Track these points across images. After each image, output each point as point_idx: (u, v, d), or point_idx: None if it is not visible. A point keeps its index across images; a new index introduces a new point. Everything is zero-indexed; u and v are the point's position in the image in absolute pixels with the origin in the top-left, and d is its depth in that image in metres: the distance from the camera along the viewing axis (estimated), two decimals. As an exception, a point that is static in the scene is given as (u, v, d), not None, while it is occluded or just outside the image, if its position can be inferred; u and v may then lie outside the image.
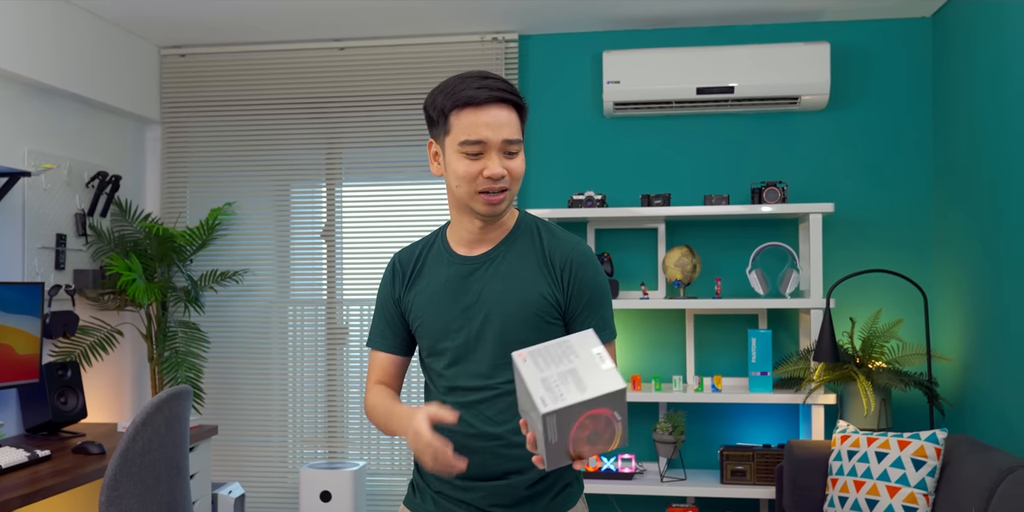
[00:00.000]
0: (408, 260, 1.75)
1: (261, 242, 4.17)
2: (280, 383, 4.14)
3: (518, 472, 1.66)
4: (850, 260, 3.78)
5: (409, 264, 1.74)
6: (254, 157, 4.18)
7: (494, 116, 1.56)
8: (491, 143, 1.56)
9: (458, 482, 1.67)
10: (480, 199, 1.60)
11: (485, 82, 1.57)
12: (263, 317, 4.16)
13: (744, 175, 3.86)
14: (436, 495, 1.71)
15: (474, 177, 1.58)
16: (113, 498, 2.44)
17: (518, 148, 1.60)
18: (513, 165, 1.59)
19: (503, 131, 1.57)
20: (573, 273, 1.64)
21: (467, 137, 1.56)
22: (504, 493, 1.66)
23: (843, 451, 3.01)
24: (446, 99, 1.59)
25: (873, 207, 3.78)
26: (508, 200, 1.62)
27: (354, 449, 4.09)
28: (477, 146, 1.57)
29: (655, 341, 3.89)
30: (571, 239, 1.68)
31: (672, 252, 3.66)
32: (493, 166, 1.57)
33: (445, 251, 1.71)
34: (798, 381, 3.57)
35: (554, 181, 3.97)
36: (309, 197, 4.17)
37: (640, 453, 3.87)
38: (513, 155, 1.59)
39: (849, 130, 3.81)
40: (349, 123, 4.10)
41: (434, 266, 1.71)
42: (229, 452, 4.15)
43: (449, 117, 1.58)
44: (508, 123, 1.57)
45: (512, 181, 1.60)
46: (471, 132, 1.56)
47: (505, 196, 1.60)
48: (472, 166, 1.58)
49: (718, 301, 3.56)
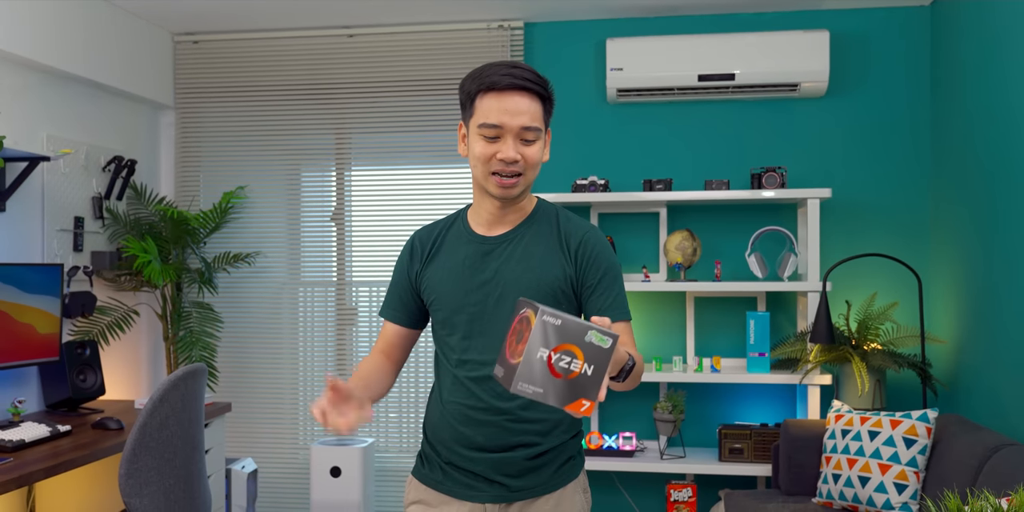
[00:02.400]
0: (427, 238, 1.77)
1: (272, 225, 4.18)
2: (291, 362, 4.15)
3: (524, 445, 1.69)
4: (847, 244, 3.78)
5: (428, 241, 1.76)
6: (266, 142, 4.18)
7: (515, 103, 1.58)
8: (508, 128, 1.59)
9: (466, 452, 1.70)
10: (493, 180, 1.62)
11: (512, 70, 1.60)
12: (274, 298, 4.17)
13: (744, 161, 3.86)
14: (445, 465, 1.74)
15: (488, 158, 1.61)
16: (132, 471, 2.49)
17: (535, 136, 1.61)
18: (528, 152, 1.61)
19: (522, 118, 1.58)
20: (586, 250, 1.66)
21: (486, 120, 1.59)
22: (510, 464, 1.69)
23: (837, 430, 3.03)
24: (472, 83, 1.62)
25: (870, 193, 3.78)
26: (522, 185, 1.64)
27: (362, 426, 4.11)
28: (495, 130, 1.59)
29: (656, 322, 3.90)
30: (586, 224, 1.72)
31: (673, 236, 3.66)
32: (507, 150, 1.59)
33: (465, 230, 1.74)
34: (795, 362, 3.58)
35: (558, 166, 3.97)
36: (319, 181, 4.17)
37: (641, 431, 3.89)
38: (530, 142, 1.61)
39: (847, 117, 3.81)
40: (358, 108, 4.10)
41: (453, 244, 1.73)
42: (242, 428, 4.17)
43: (475, 100, 1.62)
44: (528, 111, 1.59)
45: (527, 167, 1.62)
46: (490, 116, 1.59)
47: (519, 181, 1.62)
48: (488, 148, 1.61)
49: (718, 284, 3.57)
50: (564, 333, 1.24)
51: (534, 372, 1.25)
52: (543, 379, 1.25)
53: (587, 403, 1.25)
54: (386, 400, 4.09)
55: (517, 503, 1.70)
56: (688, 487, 3.55)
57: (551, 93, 1.65)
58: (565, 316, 1.25)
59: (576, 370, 1.24)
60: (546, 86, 1.63)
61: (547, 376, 1.24)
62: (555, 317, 1.24)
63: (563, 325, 1.24)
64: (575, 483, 1.75)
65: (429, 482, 1.76)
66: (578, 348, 1.24)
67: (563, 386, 1.25)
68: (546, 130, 1.67)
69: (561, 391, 1.25)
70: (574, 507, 1.73)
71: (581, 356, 1.24)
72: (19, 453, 2.63)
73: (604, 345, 1.24)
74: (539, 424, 1.70)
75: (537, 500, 1.70)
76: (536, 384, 1.25)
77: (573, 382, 1.24)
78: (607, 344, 1.24)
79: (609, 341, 1.24)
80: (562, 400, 1.26)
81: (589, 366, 1.24)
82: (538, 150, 1.63)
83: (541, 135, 1.63)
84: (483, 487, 1.70)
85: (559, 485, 1.72)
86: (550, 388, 1.25)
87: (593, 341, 1.24)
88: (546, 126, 1.66)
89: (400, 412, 4.07)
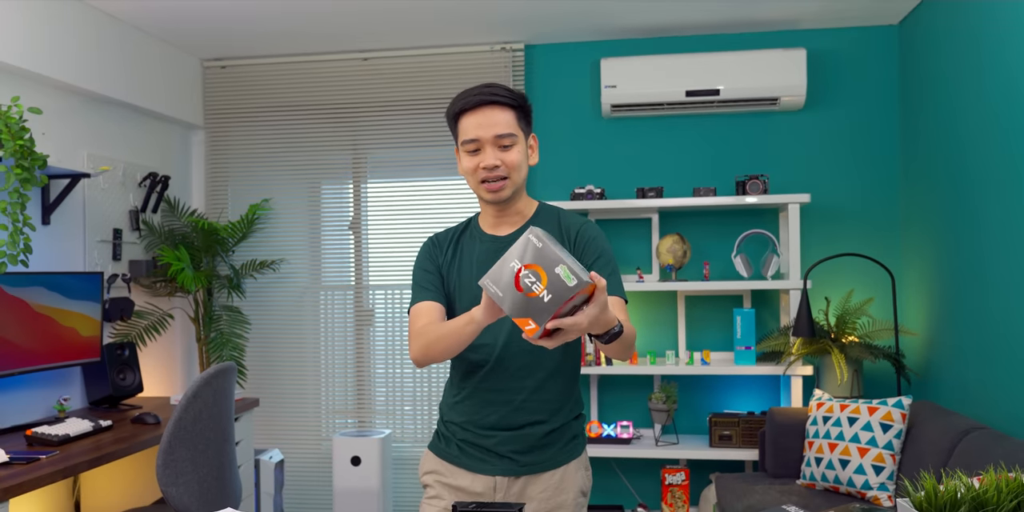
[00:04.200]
0: (444, 239, 1.78)
1: (295, 234, 4.17)
2: (313, 360, 4.13)
3: (534, 423, 1.71)
4: (825, 245, 3.77)
5: (446, 242, 1.77)
6: (288, 158, 4.17)
7: (487, 116, 1.61)
8: (484, 139, 1.61)
9: (480, 431, 1.71)
10: (483, 188, 1.65)
11: (482, 90, 1.63)
12: (297, 301, 4.15)
13: (729, 169, 3.85)
14: (461, 443, 1.75)
15: (474, 170, 1.64)
16: (168, 462, 2.48)
17: (512, 141, 1.63)
18: (508, 156, 1.63)
19: (495, 128, 1.61)
20: (583, 237, 1.69)
21: (465, 137, 1.63)
22: (521, 441, 1.70)
23: (819, 417, 3.02)
24: (452, 108, 1.66)
25: (846, 197, 3.78)
26: (510, 187, 1.65)
27: (380, 419, 4.09)
28: (474, 143, 1.62)
29: (650, 320, 3.90)
30: (584, 219, 1.75)
31: (665, 239, 3.66)
32: (486, 158, 1.62)
33: (478, 232, 1.76)
34: (778, 355, 3.58)
35: (558, 176, 3.96)
36: (337, 193, 4.15)
37: (637, 420, 3.88)
38: (507, 148, 1.63)
39: (824, 128, 3.80)
40: (373, 126, 4.09)
41: (468, 244, 1.75)
42: (269, 422, 4.15)
43: (457, 123, 1.66)
44: (500, 121, 1.61)
45: (510, 170, 1.63)
46: (467, 132, 1.62)
47: (505, 184, 1.64)
48: (472, 160, 1.64)
49: (706, 283, 3.57)
50: (539, 256, 1.23)
51: (502, 276, 1.25)
52: (506, 286, 1.24)
53: (533, 324, 1.24)
54: (402, 393, 4.06)
55: (524, 477, 1.71)
56: (681, 471, 3.54)
57: (523, 101, 1.66)
58: (550, 244, 1.23)
59: (536, 291, 1.23)
60: (516, 97, 1.64)
61: (510, 285, 1.24)
62: (539, 240, 1.23)
63: (542, 249, 1.23)
64: (578, 461, 1.76)
65: (445, 456, 1.77)
66: (545, 273, 1.23)
67: (520, 300, 1.24)
68: (527, 135, 1.68)
69: (516, 303, 1.24)
70: (576, 482, 1.75)
71: (545, 281, 1.23)
72: (65, 446, 2.63)
73: (568, 283, 1.22)
74: (547, 404, 1.71)
75: (543, 475, 1.71)
76: (499, 287, 1.25)
77: (530, 300, 1.23)
78: (571, 282, 1.22)
79: (574, 280, 1.21)
80: (514, 311, 1.25)
81: (548, 294, 1.22)
82: (518, 153, 1.64)
83: (518, 140, 1.64)
84: (494, 461, 1.71)
85: (563, 462, 1.74)
86: (508, 296, 1.24)
87: (560, 275, 1.22)
88: (526, 132, 1.67)
89: (415, 405, 4.06)
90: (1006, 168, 2.64)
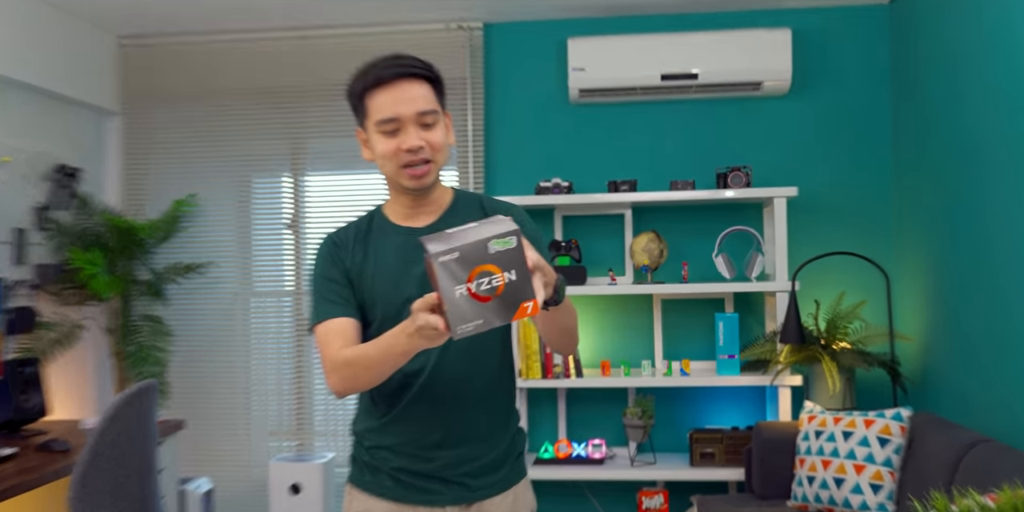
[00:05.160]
0: (347, 238, 1.73)
1: (225, 234, 4.14)
2: (245, 376, 4.11)
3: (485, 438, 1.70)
4: (814, 243, 3.80)
5: (350, 241, 1.73)
6: (217, 148, 4.13)
7: (404, 91, 1.60)
8: (405, 118, 1.60)
9: (423, 453, 1.68)
10: (405, 174, 1.63)
11: (392, 61, 1.63)
12: (227, 309, 4.12)
13: (709, 160, 3.87)
14: (395, 472, 1.70)
15: (394, 153, 1.62)
16: (83, 495, 2.40)
17: (434, 119, 1.63)
18: (431, 136, 1.62)
19: (415, 104, 1.60)
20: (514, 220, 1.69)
21: (381, 116, 1.61)
22: (471, 460, 1.69)
23: (810, 431, 3.04)
24: (358, 83, 1.64)
25: (836, 190, 3.81)
26: (434, 172, 1.65)
27: (322, 441, 4.07)
28: (393, 123, 1.61)
29: (623, 326, 3.91)
30: (510, 205, 1.75)
31: (639, 238, 3.67)
32: (409, 139, 1.60)
33: (388, 225, 1.73)
34: (765, 363, 3.59)
35: (521, 168, 3.96)
36: (273, 188, 4.14)
37: (610, 438, 3.88)
38: (430, 127, 1.62)
39: (811, 114, 3.85)
40: (313, 113, 4.07)
41: (379, 239, 1.72)
42: (196, 447, 4.10)
43: (364, 100, 1.63)
44: (420, 96, 1.61)
45: (434, 152, 1.63)
46: (384, 110, 1.60)
47: (430, 168, 1.63)
48: (390, 143, 1.62)
49: (685, 285, 3.58)
50: (467, 261, 1.26)
51: (464, 310, 1.27)
52: (476, 311, 1.27)
53: (529, 303, 1.29)
54: (345, 411, 4.05)
55: (476, 503, 1.69)
56: (659, 494, 3.56)
57: (438, 74, 1.67)
58: (457, 243, 1.26)
59: (500, 283, 1.27)
60: (431, 68, 1.65)
61: (477, 306, 1.27)
62: (449, 253, 1.26)
63: (462, 256, 1.26)
64: (526, 479, 1.79)
65: (376, 490, 1.71)
66: (490, 265, 1.27)
67: (498, 304, 1.28)
68: (444, 112, 1.68)
69: (499, 309, 1.28)
70: (528, 502, 1.77)
71: (498, 270, 1.27)
72: (-41, 478, 2.53)
73: (511, 245, 1.27)
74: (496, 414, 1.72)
75: (496, 498, 1.71)
76: (472, 319, 1.28)
77: (505, 296, 1.28)
78: (513, 243, 1.27)
79: (513, 240, 1.27)
80: (505, 316, 1.29)
81: (510, 272, 1.27)
82: (441, 133, 1.64)
83: (439, 117, 1.64)
84: (441, 490, 1.68)
85: (514, 481, 1.75)
86: (488, 313, 1.28)
87: (499, 249, 1.27)
88: (443, 108, 1.68)
89: None
90: (1012, 156, 2.67)
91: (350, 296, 1.69)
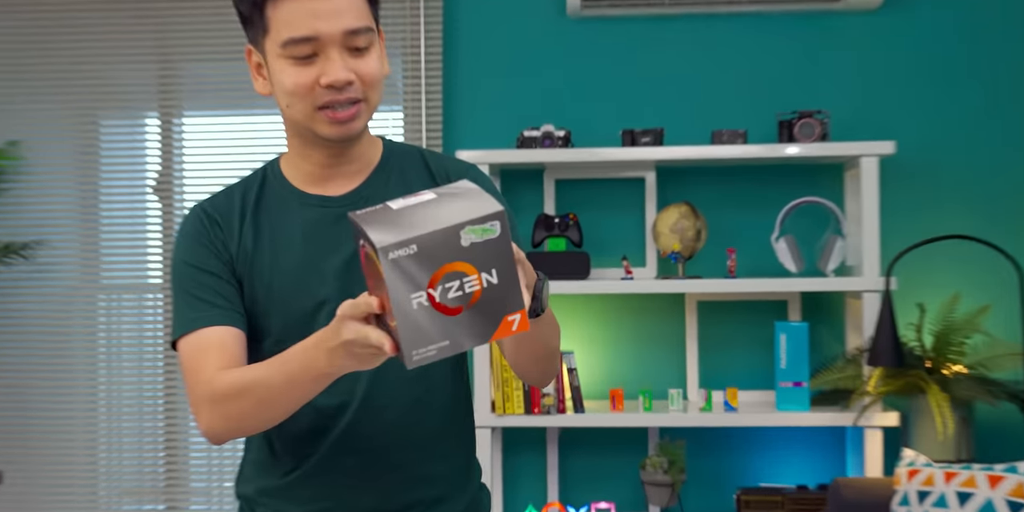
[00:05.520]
0: (229, 210, 1.74)
1: (60, 200, 4.14)
2: (90, 409, 4.12)
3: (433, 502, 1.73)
4: (918, 223, 3.82)
5: (234, 214, 1.74)
6: (49, 75, 4.12)
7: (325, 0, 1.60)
8: (326, 38, 1.59)
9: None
10: (322, 118, 1.62)
11: None
12: (62, 310, 4.13)
13: (768, 102, 3.88)
14: None
15: (309, 89, 1.61)
16: None
17: (367, 40, 1.62)
18: (363, 65, 1.62)
19: (343, 19, 1.59)
20: None
21: (291, 34, 1.59)
22: None
23: (911, 492, 3.06)
24: None
25: (949, 148, 3.81)
26: (366, 115, 1.66)
27: (202, 501, 4.07)
28: (307, 45, 1.59)
29: (643, 339, 3.90)
30: (465, 163, 1.78)
31: (667, 212, 3.66)
32: (333, 70, 1.59)
33: (291, 192, 1.74)
34: (846, 394, 3.62)
35: (497, 112, 3.96)
36: (132, 135, 4.14)
37: (622, 501, 3.89)
38: (361, 51, 1.63)
39: (916, 39, 3.84)
40: (192, 25, 4.08)
41: (276, 212, 1.73)
42: (16, 508, 4.10)
43: (264, 9, 1.62)
44: (349, 7, 1.60)
45: (367, 87, 1.64)
46: (295, 26, 1.59)
47: (359, 110, 1.63)
48: (303, 74, 1.61)
49: (732, 281, 3.57)
50: (430, 257, 1.26)
51: (423, 327, 1.27)
52: (440, 328, 1.27)
53: (515, 316, 1.30)
54: (221, 462, 4.10)
55: None
56: (694, 582, 3.56)
57: None
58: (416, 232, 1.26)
59: (477, 288, 1.28)
60: None
61: (442, 321, 1.27)
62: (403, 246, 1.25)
63: (422, 250, 1.25)
64: None
65: None
66: (462, 262, 1.27)
67: (471, 318, 1.28)
68: (378, 30, 1.70)
69: (472, 325, 1.29)
70: None
71: (473, 269, 1.27)
72: None
73: (493, 234, 1.27)
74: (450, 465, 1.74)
75: None
76: (435, 340, 1.28)
77: (481, 305, 1.28)
78: (496, 231, 1.27)
79: (496, 226, 1.27)
80: (482, 334, 1.30)
81: (490, 273, 1.28)
82: (376, 60, 1.65)
83: (374, 38, 1.65)
84: None
85: None
86: (457, 332, 1.28)
87: (476, 240, 1.27)
88: (377, 24, 1.69)
89: None
90: None
91: (233, 295, 1.69)
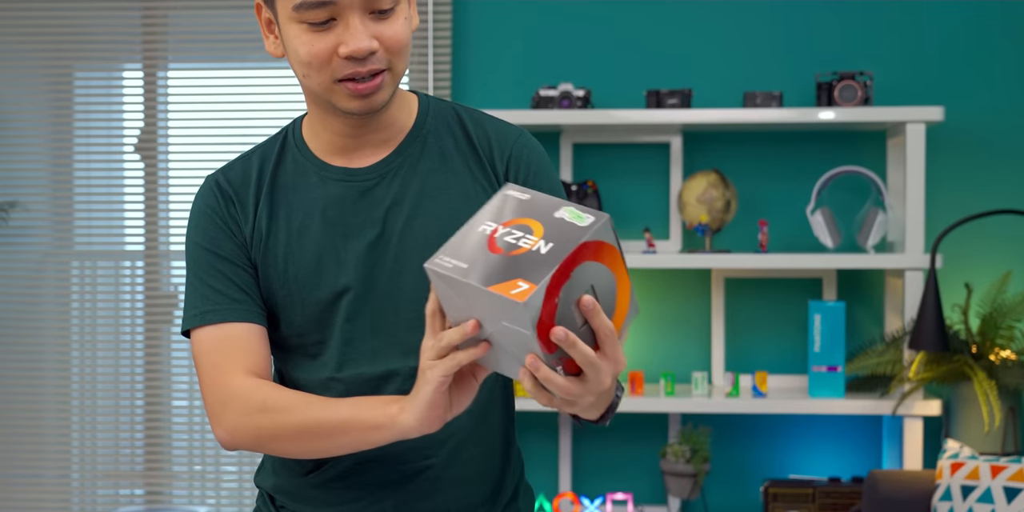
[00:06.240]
0: (244, 181, 1.71)
1: (31, 160, 4.15)
2: (62, 384, 4.12)
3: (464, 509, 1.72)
4: (967, 196, 3.81)
5: (248, 188, 1.70)
6: (21, 25, 4.11)
7: None
8: (344, 1, 1.54)
9: None
10: (342, 90, 1.58)
11: None
12: (33, 278, 4.15)
13: (805, 62, 3.86)
14: None
15: (326, 60, 1.56)
16: None
17: (392, 2, 1.56)
18: (388, 30, 1.57)
19: None
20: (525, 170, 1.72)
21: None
22: None
23: (954, 486, 3.07)
24: None
25: (1003, 115, 3.80)
26: (390, 86, 1.61)
27: (183, 486, 4.09)
28: (323, 10, 1.53)
29: (665, 318, 3.90)
30: (512, 127, 1.74)
31: (693, 181, 3.65)
32: (354, 39, 1.54)
33: (311, 163, 1.70)
34: (884, 381, 3.62)
35: (510, 69, 3.96)
36: (111, 89, 4.15)
37: (641, 492, 3.90)
38: (386, 14, 1.57)
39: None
40: None
41: (293, 187, 1.70)
42: None
43: None
44: None
45: (391, 55, 1.59)
46: None
47: (382, 81, 1.58)
48: (319, 42, 1.55)
49: (763, 257, 3.56)
50: (527, 207, 1.36)
51: (466, 245, 1.35)
52: (474, 252, 1.34)
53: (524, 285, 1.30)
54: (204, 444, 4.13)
55: None
56: (717, 580, 3.59)
57: None
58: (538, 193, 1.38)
59: (526, 246, 1.33)
60: None
61: (481, 249, 1.34)
62: (523, 192, 1.38)
63: (531, 199, 1.36)
64: None
65: None
66: (538, 222, 1.34)
67: (498, 262, 1.32)
68: None
69: (492, 267, 1.32)
70: None
71: (540, 231, 1.33)
72: None
73: (580, 222, 1.32)
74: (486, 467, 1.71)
75: None
76: (462, 258, 1.34)
77: (515, 259, 1.32)
78: (585, 221, 1.32)
79: (588, 219, 1.32)
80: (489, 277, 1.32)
81: (546, 243, 1.32)
82: (403, 25, 1.59)
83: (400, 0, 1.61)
84: None
85: None
86: (479, 262, 1.33)
87: (565, 217, 1.33)
88: None
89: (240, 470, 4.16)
90: None
91: (251, 285, 1.68)
